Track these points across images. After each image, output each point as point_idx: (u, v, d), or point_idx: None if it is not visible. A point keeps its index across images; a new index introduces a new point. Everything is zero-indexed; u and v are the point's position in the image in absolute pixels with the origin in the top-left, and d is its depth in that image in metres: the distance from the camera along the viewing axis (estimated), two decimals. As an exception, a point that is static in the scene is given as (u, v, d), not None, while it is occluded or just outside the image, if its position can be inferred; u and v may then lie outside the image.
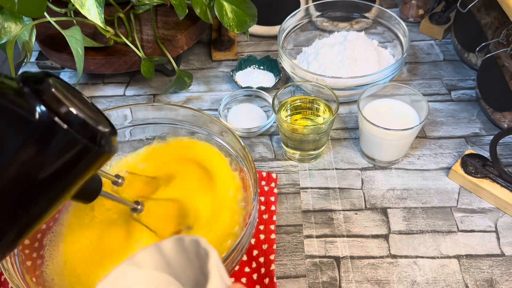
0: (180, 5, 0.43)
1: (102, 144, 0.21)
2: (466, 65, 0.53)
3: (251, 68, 0.53)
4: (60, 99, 0.19)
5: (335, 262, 0.36)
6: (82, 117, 0.20)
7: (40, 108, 0.19)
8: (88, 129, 0.20)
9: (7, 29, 0.43)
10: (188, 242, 0.21)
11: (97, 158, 0.21)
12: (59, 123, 0.19)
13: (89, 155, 0.20)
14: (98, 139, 0.20)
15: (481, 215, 0.39)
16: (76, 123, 0.19)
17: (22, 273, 0.31)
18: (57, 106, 0.19)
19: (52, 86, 0.20)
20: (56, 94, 0.19)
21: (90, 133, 0.20)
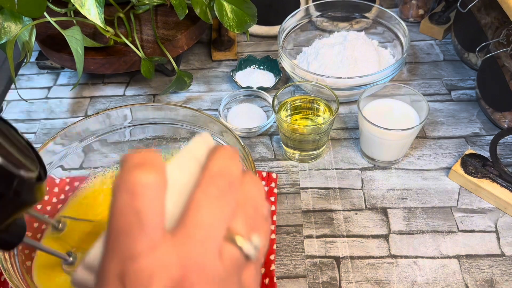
0: (180, 5, 0.43)
1: (21, 191, 0.18)
2: (466, 65, 0.53)
3: (251, 68, 0.53)
4: None
5: (335, 262, 0.36)
6: None
7: None
8: (3, 175, 0.17)
9: (7, 29, 0.43)
10: None
11: (11, 206, 0.19)
12: None
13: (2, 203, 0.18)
14: (15, 186, 0.18)
15: (481, 215, 0.39)
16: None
17: (22, 273, 0.31)
18: None
19: None
20: None
21: (6, 179, 0.17)
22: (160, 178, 0.16)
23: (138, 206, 0.15)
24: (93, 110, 0.51)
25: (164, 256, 0.14)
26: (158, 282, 0.14)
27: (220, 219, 0.16)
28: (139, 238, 0.15)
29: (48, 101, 0.52)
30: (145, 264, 0.14)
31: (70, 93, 0.53)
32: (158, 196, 0.15)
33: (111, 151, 0.40)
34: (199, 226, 0.15)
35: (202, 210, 0.16)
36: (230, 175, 0.17)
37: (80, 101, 0.52)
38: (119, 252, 0.15)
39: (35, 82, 0.55)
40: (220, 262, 0.15)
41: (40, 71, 0.56)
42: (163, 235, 0.15)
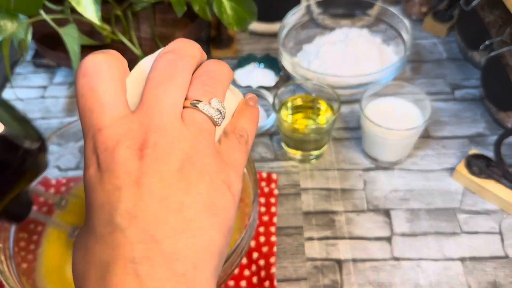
0: (179, 2, 0.43)
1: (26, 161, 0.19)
2: (470, 64, 0.52)
3: (251, 67, 0.52)
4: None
5: (336, 264, 0.36)
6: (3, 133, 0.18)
7: None
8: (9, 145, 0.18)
9: (3, 28, 0.42)
10: None
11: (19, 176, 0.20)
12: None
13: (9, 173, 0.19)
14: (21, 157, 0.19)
15: (485, 216, 0.38)
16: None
17: (18, 275, 0.31)
18: None
19: None
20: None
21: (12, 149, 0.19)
22: (112, 59, 0.17)
23: (93, 84, 0.16)
24: (91, 109, 0.50)
25: (126, 124, 0.16)
26: (123, 145, 0.15)
27: (175, 88, 0.17)
28: (102, 113, 0.16)
29: (44, 100, 0.51)
30: (109, 132, 0.16)
31: (66, 92, 0.52)
32: (112, 75, 0.17)
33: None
34: (156, 98, 0.16)
35: (156, 84, 0.16)
36: (180, 50, 0.18)
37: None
38: (88, 129, 0.16)
39: (31, 80, 0.54)
40: (182, 125, 0.16)
41: (36, 70, 0.55)
42: (125, 112, 0.16)
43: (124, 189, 0.15)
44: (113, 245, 0.14)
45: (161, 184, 0.15)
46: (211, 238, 0.15)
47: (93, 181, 0.15)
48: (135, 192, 0.15)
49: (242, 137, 0.18)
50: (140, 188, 0.15)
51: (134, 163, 0.15)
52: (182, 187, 0.15)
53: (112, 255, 0.14)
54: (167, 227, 0.15)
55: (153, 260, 0.14)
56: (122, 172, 0.15)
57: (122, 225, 0.14)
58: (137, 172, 0.15)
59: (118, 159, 0.15)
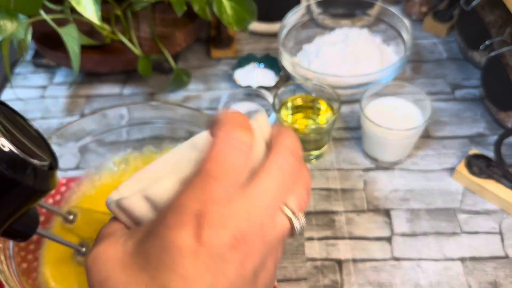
0: (179, 2, 0.43)
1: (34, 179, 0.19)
2: (470, 64, 0.52)
3: (251, 66, 0.52)
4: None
5: (336, 264, 0.36)
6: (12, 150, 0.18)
7: None
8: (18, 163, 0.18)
9: (3, 27, 0.42)
10: None
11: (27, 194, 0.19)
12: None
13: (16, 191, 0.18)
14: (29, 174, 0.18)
15: (485, 216, 0.38)
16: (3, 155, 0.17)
17: (18, 275, 0.31)
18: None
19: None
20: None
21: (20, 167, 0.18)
22: (253, 140, 0.18)
23: (235, 159, 0.17)
24: (90, 109, 0.50)
25: (237, 208, 0.16)
26: (228, 229, 0.16)
27: (283, 191, 0.17)
28: (225, 187, 0.16)
29: (44, 100, 0.51)
30: (224, 210, 0.16)
31: (66, 92, 0.52)
32: (249, 155, 0.17)
33: (108, 151, 0.40)
34: (265, 189, 0.17)
35: (270, 176, 0.17)
36: (298, 155, 0.19)
37: (76, 100, 0.51)
38: (203, 192, 0.16)
39: (30, 80, 0.54)
40: (273, 228, 0.17)
41: (36, 70, 0.55)
42: (239, 188, 0.17)
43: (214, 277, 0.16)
44: None
45: (238, 280, 0.16)
46: None
47: (185, 246, 0.15)
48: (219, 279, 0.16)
49: None
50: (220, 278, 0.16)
51: (230, 253, 0.16)
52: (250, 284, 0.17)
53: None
54: None
55: None
56: (219, 257, 0.15)
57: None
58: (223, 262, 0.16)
59: (218, 242, 0.15)
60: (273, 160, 0.18)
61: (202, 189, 0.16)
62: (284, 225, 0.17)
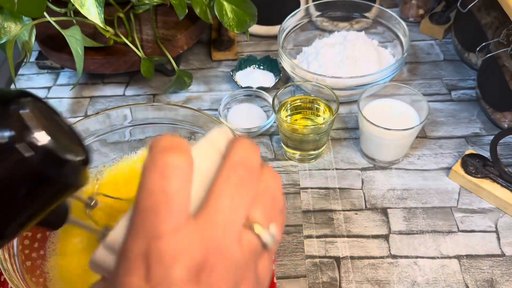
0: (180, 5, 0.43)
1: (68, 175, 0.19)
2: (467, 65, 0.53)
3: (251, 68, 0.53)
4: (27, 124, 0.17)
5: (335, 262, 0.36)
6: (48, 145, 0.18)
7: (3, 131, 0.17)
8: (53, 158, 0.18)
9: (7, 29, 0.42)
10: None
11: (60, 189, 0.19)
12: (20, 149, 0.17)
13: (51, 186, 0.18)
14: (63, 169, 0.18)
15: (481, 215, 0.39)
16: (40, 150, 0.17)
17: (22, 273, 0.31)
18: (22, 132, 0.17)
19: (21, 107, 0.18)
20: (23, 118, 0.17)
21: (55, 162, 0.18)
22: (188, 162, 0.16)
23: (167, 187, 0.15)
24: (93, 110, 0.51)
25: (188, 238, 0.15)
26: (181, 263, 0.14)
27: (240, 206, 0.16)
28: (166, 218, 0.15)
29: (48, 101, 0.52)
30: (170, 244, 0.14)
31: (70, 93, 0.53)
32: (186, 179, 0.16)
33: (111, 151, 0.40)
34: (220, 212, 0.16)
35: (224, 196, 0.16)
36: (251, 165, 0.17)
37: (80, 101, 0.52)
38: (145, 230, 0.15)
39: (35, 82, 0.55)
40: (239, 248, 0.16)
41: (40, 71, 0.56)
42: (187, 218, 0.15)
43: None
44: None
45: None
46: None
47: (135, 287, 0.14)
48: None
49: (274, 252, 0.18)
50: None
51: (186, 286, 0.14)
52: None
53: None
54: None
55: None
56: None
57: None
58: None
59: (173, 279, 0.14)
60: (221, 177, 0.16)
61: (142, 227, 0.15)
62: (252, 241, 0.16)
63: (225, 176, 0.16)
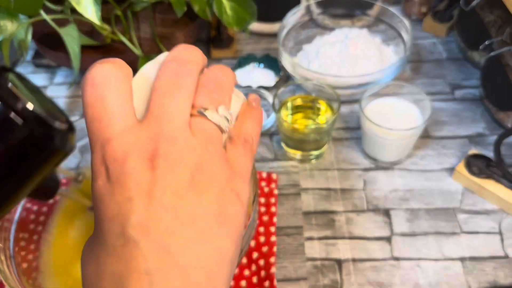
0: (179, 3, 0.43)
1: (57, 140, 0.20)
2: (470, 64, 0.52)
3: (251, 67, 0.52)
4: (16, 94, 0.19)
5: (336, 264, 0.36)
6: (38, 113, 0.19)
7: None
8: (43, 125, 0.19)
9: (3, 28, 0.42)
10: None
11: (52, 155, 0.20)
12: (14, 117, 0.18)
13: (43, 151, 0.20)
14: (53, 135, 0.20)
15: (484, 216, 0.38)
16: (31, 118, 0.19)
17: (18, 275, 0.31)
18: (12, 101, 0.18)
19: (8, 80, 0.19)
20: (11, 88, 0.19)
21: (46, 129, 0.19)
22: (119, 68, 0.17)
23: (102, 94, 0.16)
24: (91, 109, 0.50)
25: (136, 135, 0.16)
26: (133, 156, 0.15)
27: (181, 96, 0.16)
28: (110, 122, 0.16)
29: (45, 100, 0.51)
30: (119, 142, 0.15)
31: (66, 92, 0.52)
32: (120, 85, 0.16)
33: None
34: (161, 106, 0.16)
35: (161, 92, 0.16)
36: (183, 59, 0.17)
37: (77, 100, 0.51)
38: (97, 140, 0.16)
39: (31, 80, 0.54)
40: (190, 134, 0.16)
41: (36, 70, 0.55)
42: (134, 122, 0.16)
43: (135, 201, 0.15)
44: (126, 257, 0.14)
45: (172, 195, 0.15)
46: (223, 247, 0.16)
47: (103, 192, 0.15)
48: (147, 203, 0.15)
49: (247, 142, 0.18)
50: (152, 199, 0.15)
51: (145, 174, 0.15)
52: (193, 198, 0.15)
53: (125, 268, 0.14)
54: (180, 238, 0.15)
55: (167, 271, 0.14)
56: (133, 183, 0.15)
57: (135, 237, 0.14)
58: (148, 183, 0.15)
59: (128, 170, 0.15)
60: (157, 76, 0.17)
61: (94, 137, 0.16)
62: (203, 126, 0.16)
63: (159, 74, 0.17)
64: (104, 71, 0.16)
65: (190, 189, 0.15)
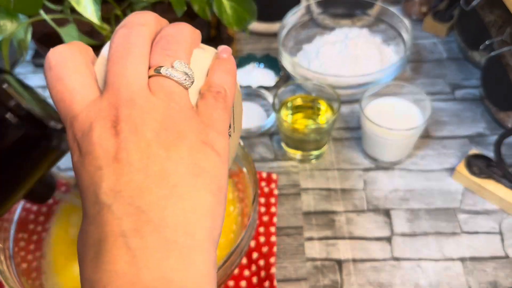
0: (178, 2, 0.43)
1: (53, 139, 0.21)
2: (470, 64, 0.52)
3: (251, 66, 0.52)
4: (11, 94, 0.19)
5: (336, 264, 0.36)
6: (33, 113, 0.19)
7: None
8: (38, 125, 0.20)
9: (3, 27, 0.42)
10: None
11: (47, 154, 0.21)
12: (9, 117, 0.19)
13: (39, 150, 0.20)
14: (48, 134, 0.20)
15: (485, 216, 0.38)
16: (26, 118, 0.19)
17: (18, 275, 0.31)
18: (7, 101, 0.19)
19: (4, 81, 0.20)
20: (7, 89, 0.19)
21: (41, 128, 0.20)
22: (74, 48, 0.17)
23: (60, 74, 0.16)
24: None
25: (97, 106, 0.16)
26: (96, 126, 0.15)
27: (134, 59, 0.16)
28: (73, 100, 0.16)
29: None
30: (83, 116, 0.16)
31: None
32: (77, 63, 0.17)
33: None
34: (118, 74, 0.16)
35: (114, 59, 0.17)
36: (132, 22, 0.17)
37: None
38: (65, 119, 0.16)
39: (30, 80, 0.54)
40: (150, 94, 0.16)
41: (36, 70, 0.55)
42: (94, 94, 0.16)
43: (104, 168, 0.15)
44: (102, 223, 0.15)
45: (139, 156, 0.15)
46: (199, 200, 0.15)
47: (77, 166, 0.16)
48: (115, 168, 0.15)
49: (219, 93, 0.18)
50: (120, 163, 0.15)
51: (110, 140, 0.15)
52: (162, 155, 0.15)
53: (102, 233, 0.14)
54: (152, 196, 0.15)
55: (143, 231, 0.14)
56: (100, 151, 0.15)
57: (107, 202, 0.15)
58: (114, 149, 0.15)
59: (94, 140, 0.15)
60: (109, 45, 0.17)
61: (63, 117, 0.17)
62: (163, 84, 0.16)
63: (111, 44, 0.17)
64: (58, 52, 0.17)
65: (157, 147, 0.15)
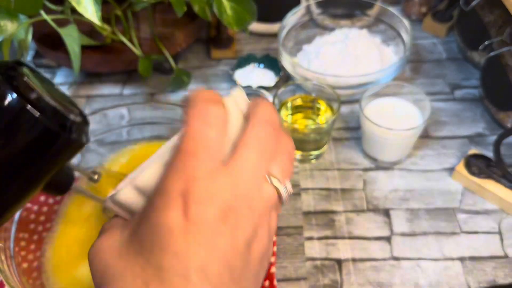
0: (179, 3, 0.43)
1: (73, 132, 0.21)
2: (470, 64, 0.52)
3: (251, 67, 0.52)
4: (32, 87, 0.19)
5: (336, 264, 0.36)
6: (54, 105, 0.20)
7: (11, 95, 0.18)
8: (59, 117, 0.20)
9: (3, 28, 0.42)
10: None
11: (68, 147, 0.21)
12: (30, 110, 0.19)
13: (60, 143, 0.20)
14: (68, 127, 0.20)
15: (484, 216, 0.38)
16: (47, 110, 0.19)
17: (19, 275, 0.31)
18: (28, 93, 0.19)
19: (23, 73, 0.20)
20: (27, 82, 0.19)
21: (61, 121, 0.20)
22: (225, 114, 0.18)
23: (209, 134, 0.17)
24: (90, 109, 0.50)
25: (220, 182, 0.17)
26: (215, 204, 0.16)
27: (264, 159, 0.18)
28: (204, 161, 0.17)
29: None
30: (207, 185, 0.16)
31: (67, 92, 0.52)
32: (222, 129, 0.18)
33: (108, 151, 0.40)
34: (247, 161, 0.17)
35: (252, 148, 0.18)
36: (275, 125, 0.19)
37: (77, 100, 0.51)
38: (185, 171, 0.16)
39: (31, 80, 0.54)
40: (260, 197, 0.18)
41: (37, 70, 0.55)
42: (220, 164, 0.17)
43: (201, 249, 0.16)
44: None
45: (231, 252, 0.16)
46: None
47: (174, 225, 0.16)
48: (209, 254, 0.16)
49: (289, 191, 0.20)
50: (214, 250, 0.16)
51: (218, 224, 0.16)
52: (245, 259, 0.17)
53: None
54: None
55: None
56: (207, 230, 0.16)
57: (195, 281, 0.15)
58: (215, 234, 0.16)
59: (207, 217, 0.16)
60: (251, 131, 0.18)
61: (183, 168, 0.17)
62: (271, 194, 0.18)
63: (252, 130, 0.18)
64: (218, 113, 0.18)
65: (244, 253, 0.17)
